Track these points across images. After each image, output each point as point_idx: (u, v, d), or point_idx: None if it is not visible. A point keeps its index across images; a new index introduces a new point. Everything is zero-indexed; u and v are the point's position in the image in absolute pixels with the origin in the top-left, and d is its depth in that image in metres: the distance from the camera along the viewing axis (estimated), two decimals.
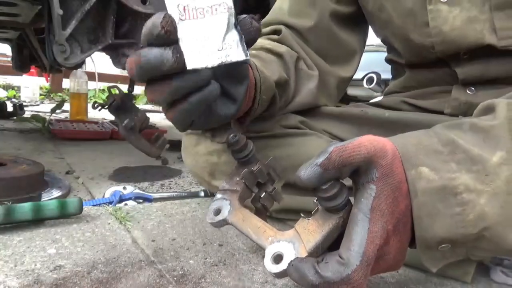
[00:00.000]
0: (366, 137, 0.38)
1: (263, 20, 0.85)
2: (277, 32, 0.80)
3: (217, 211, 0.47)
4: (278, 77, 0.65)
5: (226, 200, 0.48)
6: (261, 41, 0.81)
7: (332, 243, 0.39)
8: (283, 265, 0.37)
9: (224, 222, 0.46)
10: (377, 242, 0.35)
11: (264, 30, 0.82)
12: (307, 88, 0.76)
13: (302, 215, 0.40)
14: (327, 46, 0.82)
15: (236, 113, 0.50)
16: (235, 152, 0.50)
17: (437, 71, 0.74)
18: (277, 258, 0.38)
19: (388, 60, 0.88)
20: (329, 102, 0.83)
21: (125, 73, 3.81)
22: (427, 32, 0.68)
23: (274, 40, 0.79)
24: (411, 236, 0.41)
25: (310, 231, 0.38)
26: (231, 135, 0.49)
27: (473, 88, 0.69)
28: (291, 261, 0.36)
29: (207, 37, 0.37)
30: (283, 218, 0.74)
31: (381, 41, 0.85)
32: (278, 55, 0.73)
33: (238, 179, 0.49)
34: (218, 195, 0.49)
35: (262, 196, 0.51)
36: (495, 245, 0.39)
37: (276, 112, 0.69)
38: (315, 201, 0.39)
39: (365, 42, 0.90)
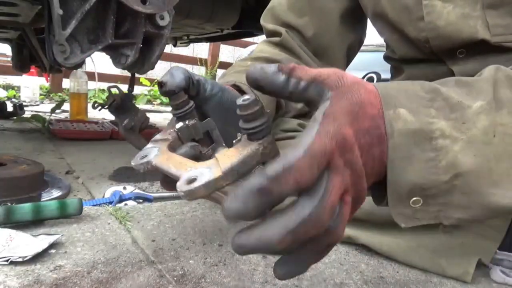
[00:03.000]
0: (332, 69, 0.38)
1: (266, 9, 0.86)
2: (277, 34, 0.81)
3: (144, 156, 0.45)
4: None
5: (155, 148, 0.46)
6: (261, 47, 0.82)
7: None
8: (194, 185, 0.34)
9: (148, 164, 0.44)
10: (326, 140, 0.32)
11: (267, 26, 0.83)
12: None
13: (223, 144, 0.39)
14: (325, 47, 0.82)
15: None
16: (174, 108, 0.49)
17: (434, 69, 0.74)
18: (191, 181, 0.35)
19: (386, 58, 0.89)
20: None
21: (125, 73, 3.82)
22: (422, 27, 0.69)
23: (274, 43, 0.80)
24: (380, 184, 0.39)
25: (229, 156, 0.36)
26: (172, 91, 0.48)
27: None
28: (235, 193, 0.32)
29: None
30: None
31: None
32: (276, 62, 0.74)
33: (171, 130, 0.48)
34: (148, 145, 0.47)
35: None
36: (468, 198, 0.38)
37: (287, 113, 0.72)
38: (239, 134, 0.38)
39: (361, 43, 0.90)
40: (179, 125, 0.47)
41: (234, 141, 0.38)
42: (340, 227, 0.34)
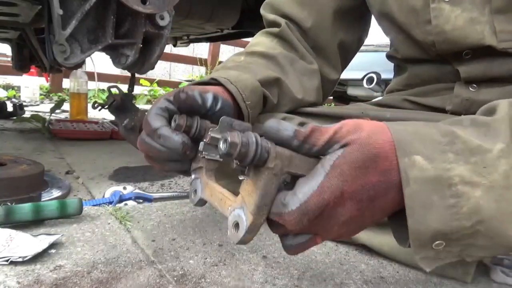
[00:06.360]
0: (349, 122, 0.39)
1: (265, 2, 0.86)
2: (277, 24, 0.80)
3: (195, 192, 0.51)
4: (262, 76, 0.66)
5: (198, 179, 0.51)
6: (258, 39, 0.81)
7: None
8: (240, 234, 0.38)
9: (202, 201, 0.49)
10: (325, 197, 0.36)
11: (268, 17, 0.83)
12: (313, 86, 0.79)
13: (240, 177, 0.39)
14: (321, 42, 0.82)
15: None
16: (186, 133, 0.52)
17: (439, 68, 0.73)
18: (236, 226, 0.39)
19: (388, 57, 0.88)
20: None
21: (125, 73, 3.82)
22: (429, 30, 0.68)
23: (273, 34, 0.80)
24: (400, 230, 0.40)
25: (250, 193, 0.38)
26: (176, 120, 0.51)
27: (475, 85, 0.69)
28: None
29: None
30: None
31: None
32: (271, 57, 0.73)
33: (200, 156, 0.51)
34: (193, 175, 0.52)
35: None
36: (491, 241, 0.39)
37: (280, 107, 0.71)
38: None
39: (361, 42, 0.90)
40: (201, 146, 0.48)
41: (245, 172, 0.38)
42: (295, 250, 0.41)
